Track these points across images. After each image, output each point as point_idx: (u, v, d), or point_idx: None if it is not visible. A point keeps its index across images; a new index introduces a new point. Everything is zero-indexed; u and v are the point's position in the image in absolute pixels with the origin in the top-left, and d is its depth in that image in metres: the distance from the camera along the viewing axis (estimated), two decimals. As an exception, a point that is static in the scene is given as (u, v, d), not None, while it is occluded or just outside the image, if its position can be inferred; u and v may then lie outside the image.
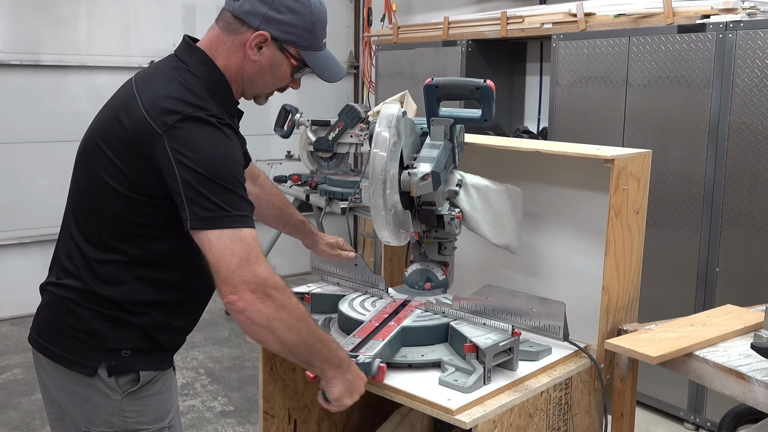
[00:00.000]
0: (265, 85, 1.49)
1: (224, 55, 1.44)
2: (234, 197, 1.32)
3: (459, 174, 1.79)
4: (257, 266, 1.30)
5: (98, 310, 1.41)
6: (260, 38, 1.41)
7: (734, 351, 1.61)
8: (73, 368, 1.42)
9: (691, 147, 3.00)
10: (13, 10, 4.37)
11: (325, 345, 1.40)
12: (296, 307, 1.35)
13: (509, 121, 4.41)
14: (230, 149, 1.35)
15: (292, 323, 1.34)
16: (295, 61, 1.45)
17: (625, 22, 3.24)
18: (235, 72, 1.45)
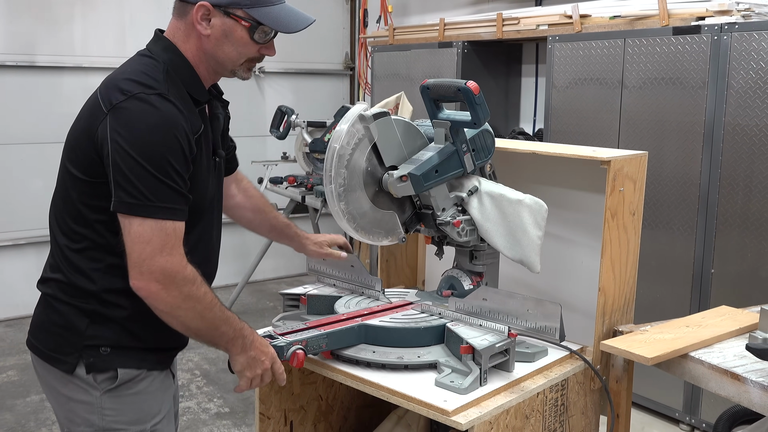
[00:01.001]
0: (230, 57, 1.45)
1: (182, 40, 1.45)
2: (161, 187, 1.31)
3: (476, 180, 1.75)
4: (169, 258, 1.31)
5: (76, 305, 1.42)
6: (202, 10, 1.40)
7: (729, 352, 1.61)
8: (54, 365, 1.44)
9: (687, 148, 3.01)
10: (9, 11, 4.36)
11: (230, 326, 1.42)
12: (205, 296, 1.37)
13: (505, 122, 4.42)
14: (172, 134, 1.32)
15: (201, 311, 1.37)
16: (246, 22, 1.41)
17: (620, 24, 3.25)
18: (196, 53, 1.44)
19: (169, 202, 1.32)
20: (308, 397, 1.98)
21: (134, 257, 1.31)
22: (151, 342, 1.48)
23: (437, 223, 1.74)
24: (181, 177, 1.34)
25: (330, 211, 1.70)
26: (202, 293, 1.37)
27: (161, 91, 1.34)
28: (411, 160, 1.70)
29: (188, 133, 1.36)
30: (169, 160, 1.31)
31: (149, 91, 1.33)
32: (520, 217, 1.71)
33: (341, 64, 5.79)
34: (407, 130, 1.74)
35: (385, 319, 1.69)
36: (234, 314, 1.45)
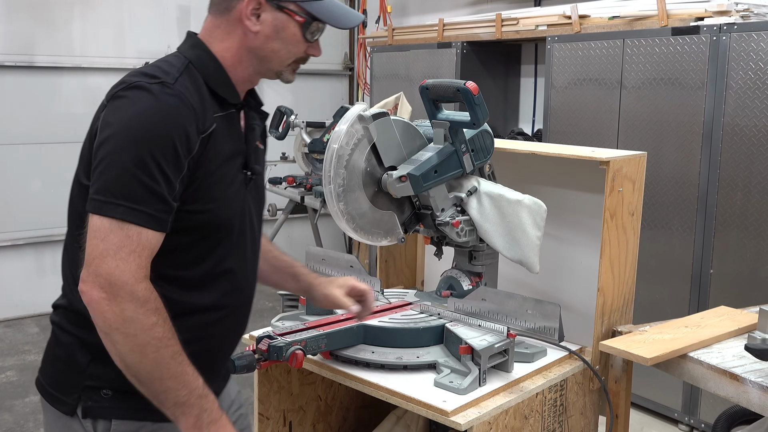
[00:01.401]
0: (278, 56, 1.30)
1: (219, 39, 1.30)
2: (134, 183, 1.11)
3: (476, 181, 1.75)
4: (120, 264, 1.10)
5: (80, 336, 1.24)
6: (254, 3, 1.26)
7: (728, 352, 1.61)
8: (54, 404, 1.27)
9: (685, 149, 3.02)
10: (8, 11, 4.36)
11: (182, 385, 1.13)
12: (153, 328, 1.11)
13: (504, 123, 4.42)
14: (164, 126, 1.14)
15: (142, 344, 1.10)
16: (301, 17, 1.28)
17: (619, 25, 3.26)
18: (237, 52, 1.29)
19: (139, 202, 1.12)
20: (307, 398, 1.97)
21: (87, 255, 1.12)
22: None
23: (436, 224, 1.74)
24: (164, 176, 1.14)
25: (329, 212, 1.69)
26: (151, 323, 1.11)
27: (166, 81, 1.18)
28: (410, 161, 1.70)
29: (189, 130, 1.17)
30: (153, 154, 1.12)
31: (152, 81, 1.18)
32: (519, 217, 1.71)
33: (340, 64, 5.79)
34: (406, 131, 1.74)
35: (384, 320, 1.69)
36: (199, 377, 1.16)
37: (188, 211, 1.20)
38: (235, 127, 1.31)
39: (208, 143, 1.22)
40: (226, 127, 1.27)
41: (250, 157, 1.33)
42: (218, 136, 1.24)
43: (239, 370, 1.45)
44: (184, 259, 1.24)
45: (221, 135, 1.25)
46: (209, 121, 1.22)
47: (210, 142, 1.22)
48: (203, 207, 1.22)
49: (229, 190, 1.27)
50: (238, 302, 1.35)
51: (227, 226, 1.27)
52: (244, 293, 1.36)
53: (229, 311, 1.32)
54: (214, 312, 1.29)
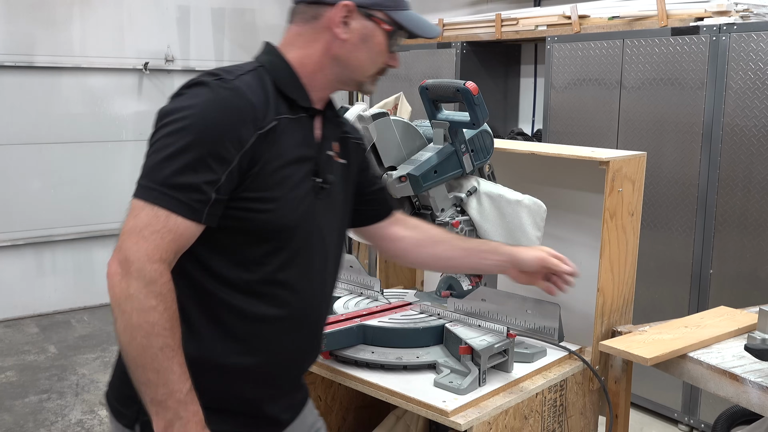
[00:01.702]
0: (363, 65, 1.29)
1: (300, 46, 1.28)
2: (174, 173, 1.10)
3: (475, 181, 1.76)
4: (139, 241, 1.09)
5: None
6: (345, 11, 1.24)
7: (728, 352, 1.61)
8: (116, 417, 1.24)
9: (685, 149, 3.02)
10: (7, 11, 4.36)
11: (163, 383, 1.08)
12: (149, 311, 1.07)
13: (503, 123, 4.42)
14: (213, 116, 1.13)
15: (131, 324, 1.07)
16: (388, 26, 1.27)
17: (619, 25, 3.26)
18: (319, 59, 1.27)
19: (172, 188, 1.10)
20: (307, 398, 1.97)
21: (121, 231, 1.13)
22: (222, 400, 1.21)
23: (436, 224, 1.74)
24: (206, 167, 1.12)
25: (329, 212, 1.69)
26: (149, 306, 1.07)
27: (225, 77, 1.17)
28: (410, 161, 1.70)
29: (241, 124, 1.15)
30: (198, 144, 1.11)
31: (212, 78, 1.17)
32: (519, 217, 1.72)
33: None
34: (406, 131, 1.74)
35: (384, 320, 1.69)
36: (188, 383, 1.10)
37: (247, 209, 1.18)
38: (307, 132, 1.27)
39: (268, 141, 1.18)
40: (295, 130, 1.24)
41: (322, 165, 1.28)
42: (282, 137, 1.21)
43: None
44: (241, 260, 1.20)
45: (287, 136, 1.22)
46: (270, 119, 1.19)
47: (270, 140, 1.18)
48: (262, 206, 1.18)
49: (293, 193, 1.22)
50: (299, 316, 1.27)
51: (288, 231, 1.22)
52: (307, 308, 1.28)
53: (289, 326, 1.24)
54: (270, 323, 1.23)
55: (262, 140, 1.17)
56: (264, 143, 1.17)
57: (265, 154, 1.18)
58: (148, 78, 4.79)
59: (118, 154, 4.75)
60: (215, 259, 1.18)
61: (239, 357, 1.19)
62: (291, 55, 1.27)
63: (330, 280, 1.36)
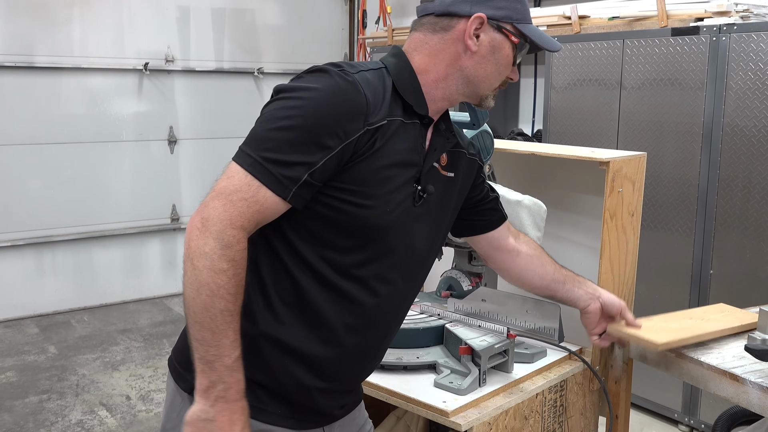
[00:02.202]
0: (489, 78, 1.29)
1: (425, 54, 1.28)
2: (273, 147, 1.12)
3: None
4: (228, 205, 1.10)
5: None
6: (477, 22, 1.25)
7: (728, 353, 1.61)
8: (177, 380, 1.26)
9: (685, 149, 3.02)
10: (7, 11, 4.36)
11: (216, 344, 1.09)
12: (218, 273, 1.08)
13: (504, 123, 4.42)
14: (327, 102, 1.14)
15: (198, 281, 1.08)
16: (516, 38, 1.28)
17: (619, 25, 3.26)
18: (444, 70, 1.28)
19: (270, 162, 1.11)
20: (307, 398, 1.97)
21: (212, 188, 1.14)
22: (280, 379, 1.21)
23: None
24: (306, 148, 1.13)
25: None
26: (220, 268, 1.08)
27: (347, 69, 1.18)
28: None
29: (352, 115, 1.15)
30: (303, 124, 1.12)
31: (333, 67, 1.18)
32: (519, 217, 1.72)
33: (340, 65, 5.79)
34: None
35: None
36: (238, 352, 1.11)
37: (343, 200, 1.18)
38: (417, 139, 1.27)
39: (376, 138, 1.19)
40: (405, 134, 1.24)
41: (425, 173, 1.28)
42: (391, 138, 1.21)
43: None
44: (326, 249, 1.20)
45: (396, 138, 1.22)
46: (381, 117, 1.19)
47: (379, 137, 1.19)
48: (360, 201, 1.18)
49: (391, 195, 1.22)
50: (372, 318, 1.25)
51: (379, 231, 1.22)
52: (381, 312, 1.27)
53: (361, 325, 1.23)
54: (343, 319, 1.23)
55: (370, 136, 1.18)
56: (371, 139, 1.18)
57: (370, 149, 1.18)
58: (148, 78, 4.79)
59: (118, 155, 4.75)
60: (301, 243, 1.19)
61: (307, 343, 1.20)
62: (416, 61, 1.28)
63: (411, 290, 1.34)
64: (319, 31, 5.61)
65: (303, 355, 1.20)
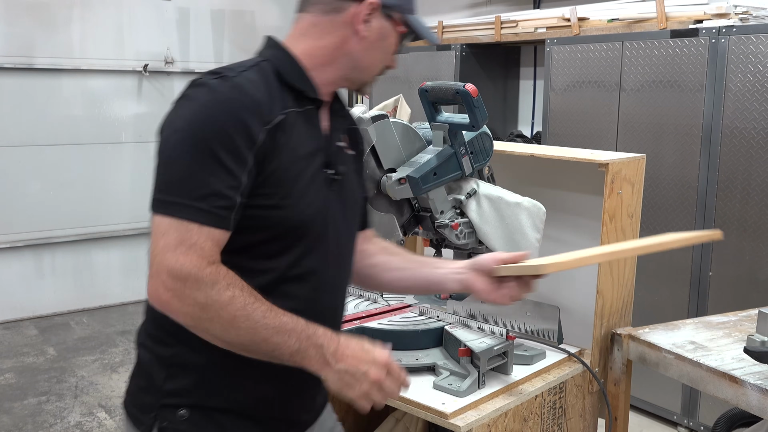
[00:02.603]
0: (373, 65, 1.29)
1: (314, 37, 1.26)
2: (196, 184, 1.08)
3: (475, 183, 1.76)
4: (182, 257, 1.06)
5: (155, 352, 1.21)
6: (371, 8, 1.24)
7: (727, 354, 1.61)
8: (134, 423, 1.23)
9: (684, 151, 3.02)
10: (7, 13, 4.36)
11: (288, 336, 1.11)
12: (232, 301, 1.08)
13: (503, 125, 4.42)
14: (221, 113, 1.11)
15: (230, 319, 1.08)
16: (403, 28, 1.29)
17: (618, 27, 3.26)
18: (331, 53, 1.26)
19: (197, 200, 1.08)
20: (306, 400, 1.97)
21: (151, 254, 1.09)
22: (239, 402, 1.20)
23: (435, 226, 1.74)
24: (225, 171, 1.09)
25: (328, 214, 1.69)
26: (228, 298, 1.07)
27: (226, 75, 1.15)
28: (409, 163, 1.71)
29: (249, 121, 1.12)
30: (211, 149, 1.08)
31: (213, 77, 1.14)
32: (519, 219, 1.72)
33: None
34: (405, 133, 1.74)
35: (384, 322, 1.69)
36: (299, 320, 1.13)
37: (264, 206, 1.15)
38: (315, 125, 1.26)
39: (278, 135, 1.16)
40: (303, 123, 1.22)
41: (332, 156, 1.27)
42: (292, 131, 1.19)
43: None
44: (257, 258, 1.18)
45: (296, 130, 1.20)
46: (276, 113, 1.17)
47: (280, 134, 1.16)
48: (280, 202, 1.17)
49: (308, 188, 1.21)
50: (317, 310, 1.23)
51: (305, 226, 1.21)
52: (324, 301, 1.27)
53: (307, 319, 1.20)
54: None
55: (272, 135, 1.15)
56: (274, 138, 1.15)
57: (278, 148, 1.15)
58: (148, 80, 4.79)
59: (117, 156, 4.75)
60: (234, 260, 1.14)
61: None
62: (300, 47, 1.25)
63: (346, 272, 1.34)
64: (319, 33, 5.62)
65: (257, 367, 1.16)
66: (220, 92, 1.12)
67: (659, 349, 1.67)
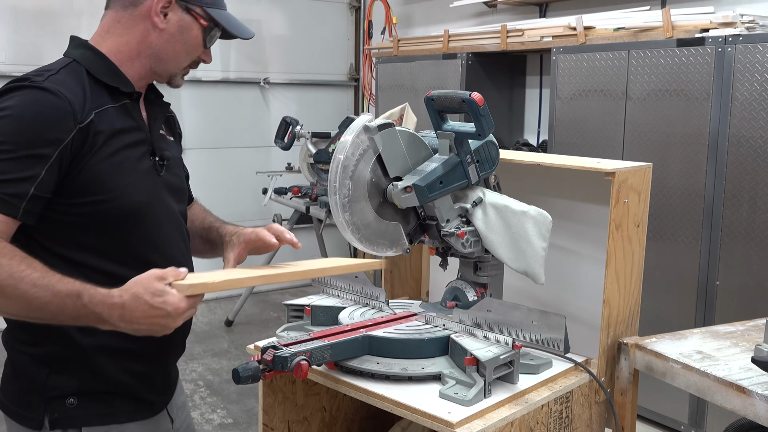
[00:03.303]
0: (177, 57, 1.38)
1: (117, 33, 1.35)
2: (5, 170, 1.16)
3: (481, 191, 1.76)
4: None
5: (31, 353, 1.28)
6: (164, 2, 1.33)
7: (735, 364, 1.61)
8: (20, 421, 1.30)
9: (691, 160, 3.02)
10: (15, 22, 4.40)
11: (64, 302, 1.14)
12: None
13: (509, 133, 4.43)
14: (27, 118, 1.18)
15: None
16: (205, 21, 1.37)
17: (624, 36, 3.27)
18: (135, 47, 1.34)
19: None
20: (312, 408, 1.97)
21: None
22: (122, 382, 1.31)
23: (441, 234, 1.74)
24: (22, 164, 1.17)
25: (334, 222, 1.70)
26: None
27: (35, 79, 1.23)
28: (415, 171, 1.71)
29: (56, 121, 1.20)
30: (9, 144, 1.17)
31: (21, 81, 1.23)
32: (525, 228, 1.72)
33: (346, 75, 5.82)
34: (412, 141, 1.74)
35: (390, 330, 1.69)
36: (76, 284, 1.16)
37: (92, 202, 1.23)
38: (134, 116, 1.34)
39: (92, 132, 1.24)
40: (120, 116, 1.30)
41: (156, 144, 1.37)
42: (108, 126, 1.27)
43: (244, 381, 1.45)
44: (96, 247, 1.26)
45: (113, 125, 1.28)
46: (89, 111, 1.25)
47: (93, 131, 1.24)
48: (105, 197, 1.25)
49: (134, 177, 1.30)
50: None
51: (136, 214, 1.29)
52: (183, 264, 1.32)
53: None
54: None
55: (86, 133, 1.22)
56: (88, 135, 1.23)
57: (92, 146, 1.23)
58: (155, 88, 4.82)
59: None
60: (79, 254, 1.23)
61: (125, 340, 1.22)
62: (107, 45, 1.35)
63: (186, 251, 1.44)
64: (325, 42, 5.65)
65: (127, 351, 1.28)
66: (30, 95, 1.20)
67: (666, 358, 1.66)
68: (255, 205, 4.64)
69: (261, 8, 5.25)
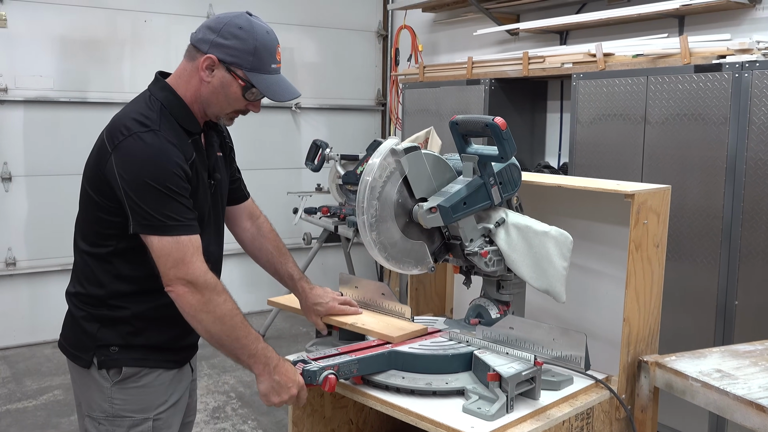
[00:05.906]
0: (220, 105, 1.66)
1: (185, 80, 1.66)
2: (168, 207, 1.53)
3: (503, 212, 1.79)
4: (188, 267, 1.53)
5: (89, 312, 1.68)
6: (209, 61, 1.61)
7: (754, 383, 1.61)
8: (75, 361, 1.72)
9: (709, 183, 3.04)
10: (63, 51, 4.61)
11: (251, 342, 1.58)
12: (225, 303, 1.56)
13: (530, 156, 4.47)
14: (164, 163, 1.54)
15: (218, 317, 1.55)
16: (242, 82, 1.62)
17: (643, 62, 3.32)
18: (194, 93, 1.65)
19: (178, 219, 1.54)
20: (339, 421, 2.01)
21: (160, 269, 1.55)
22: (154, 340, 1.68)
23: (465, 254, 1.78)
24: (182, 196, 1.55)
25: (362, 241, 1.74)
26: (222, 300, 1.56)
27: (153, 128, 1.56)
28: (440, 193, 1.75)
29: (180, 161, 1.56)
30: (167, 184, 1.53)
31: (143, 129, 1.56)
32: (546, 248, 1.75)
33: (373, 100, 5.92)
34: (437, 164, 1.79)
35: (415, 346, 1.74)
36: (259, 336, 1.62)
37: None
38: (201, 148, 1.69)
39: (193, 166, 1.62)
40: (195, 151, 1.65)
41: (212, 169, 1.73)
42: (196, 159, 1.64)
43: None
44: None
45: (196, 158, 1.64)
46: (189, 151, 1.62)
47: (194, 165, 1.62)
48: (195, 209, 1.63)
49: (203, 195, 1.67)
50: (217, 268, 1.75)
51: (203, 219, 1.68)
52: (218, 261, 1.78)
53: None
54: None
55: (192, 167, 1.61)
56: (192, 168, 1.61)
57: (194, 175, 1.62)
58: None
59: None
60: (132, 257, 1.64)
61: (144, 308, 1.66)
62: (181, 89, 1.66)
63: (221, 240, 1.83)
64: (354, 68, 5.76)
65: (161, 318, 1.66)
66: (156, 145, 1.55)
67: (686, 376, 1.67)
68: (286, 223, 4.71)
69: (293, 36, 5.38)
